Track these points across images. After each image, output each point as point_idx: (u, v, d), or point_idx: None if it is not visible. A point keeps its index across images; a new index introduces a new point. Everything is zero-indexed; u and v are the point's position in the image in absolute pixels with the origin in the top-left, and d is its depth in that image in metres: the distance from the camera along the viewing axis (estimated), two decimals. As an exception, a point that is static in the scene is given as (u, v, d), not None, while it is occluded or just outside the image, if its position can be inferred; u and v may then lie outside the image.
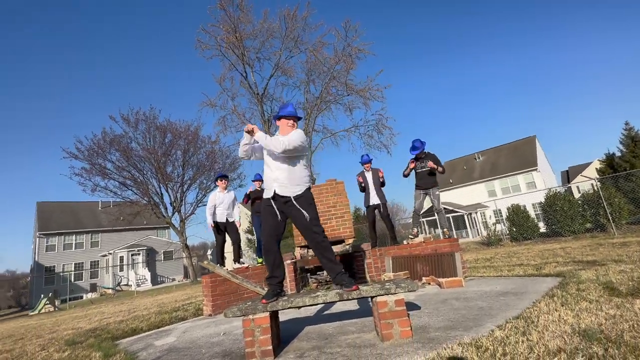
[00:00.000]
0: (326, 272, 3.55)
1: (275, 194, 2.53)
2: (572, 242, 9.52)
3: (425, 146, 5.59)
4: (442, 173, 5.51)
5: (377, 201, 5.72)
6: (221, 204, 5.53)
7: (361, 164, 5.89)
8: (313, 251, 2.54)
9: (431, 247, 5.03)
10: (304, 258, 5.27)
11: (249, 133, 2.60)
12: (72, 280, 26.95)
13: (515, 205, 13.46)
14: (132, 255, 29.09)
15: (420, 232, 5.76)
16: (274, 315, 2.41)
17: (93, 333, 4.53)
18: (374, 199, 5.74)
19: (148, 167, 22.72)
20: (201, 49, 16.52)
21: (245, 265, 5.34)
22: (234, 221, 5.68)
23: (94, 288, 28.08)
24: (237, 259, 5.60)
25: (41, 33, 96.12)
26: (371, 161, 5.87)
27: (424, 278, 4.60)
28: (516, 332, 1.97)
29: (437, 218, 5.56)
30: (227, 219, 5.56)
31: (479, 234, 24.21)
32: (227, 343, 2.79)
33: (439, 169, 5.36)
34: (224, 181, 5.74)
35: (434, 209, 5.57)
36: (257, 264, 6.06)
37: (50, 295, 16.18)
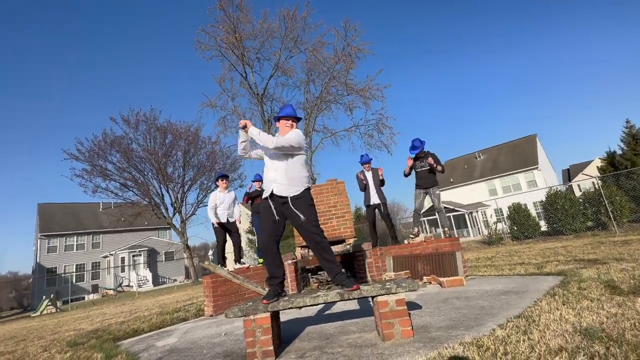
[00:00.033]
0: (325, 272, 3.55)
1: (273, 194, 2.54)
2: (574, 240, 9.51)
3: (424, 145, 5.59)
4: (442, 172, 5.51)
5: (378, 200, 5.72)
6: (222, 204, 5.56)
7: (361, 164, 5.89)
8: (312, 251, 2.53)
9: (432, 246, 5.03)
10: (304, 258, 5.27)
11: (242, 129, 2.60)
12: (74, 282, 27.04)
13: (516, 204, 13.45)
14: (133, 256, 29.14)
15: (421, 231, 5.76)
16: (275, 315, 2.41)
17: (95, 334, 4.54)
18: (374, 199, 5.73)
19: (149, 168, 22.80)
20: (201, 50, 16.56)
21: (246, 266, 5.36)
22: (235, 221, 5.70)
23: (95, 289, 28.15)
24: (237, 259, 5.63)
25: (41, 33, 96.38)
26: (371, 161, 5.87)
27: (425, 277, 4.60)
28: (517, 331, 1.97)
29: (438, 217, 5.55)
30: (227, 219, 5.59)
31: (480, 233, 24.18)
32: (229, 343, 2.79)
33: (438, 167, 5.36)
34: (224, 181, 5.77)
35: (434, 208, 5.56)
36: (258, 264, 6.07)
37: (52, 297, 16.21)
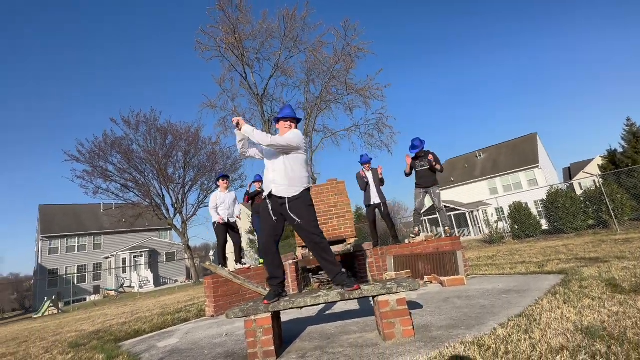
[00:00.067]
0: (325, 273, 3.55)
1: (271, 194, 2.54)
2: (575, 239, 9.49)
3: (424, 145, 5.59)
4: (441, 172, 5.51)
5: (378, 200, 5.72)
6: (222, 203, 5.59)
7: (361, 164, 5.89)
8: (311, 252, 2.52)
9: (433, 245, 5.02)
10: (305, 258, 5.27)
11: (236, 127, 2.58)
12: (75, 283, 27.05)
13: (517, 203, 13.43)
14: (134, 257, 29.17)
15: (421, 230, 5.76)
16: (275, 315, 2.41)
17: (96, 335, 4.55)
18: (375, 198, 5.73)
19: (149, 169, 22.82)
20: (201, 50, 16.59)
21: (247, 266, 5.37)
22: (236, 221, 5.72)
23: (97, 290, 28.19)
24: (238, 259, 5.65)
25: (41, 33, 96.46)
26: (371, 161, 5.87)
27: (425, 277, 4.60)
28: (519, 330, 1.97)
29: (439, 216, 5.55)
30: (228, 219, 5.61)
31: (480, 232, 24.15)
32: (230, 344, 2.79)
33: (437, 166, 5.36)
34: (225, 181, 5.80)
35: (435, 207, 5.55)
36: (259, 265, 6.07)
37: (54, 298, 16.24)
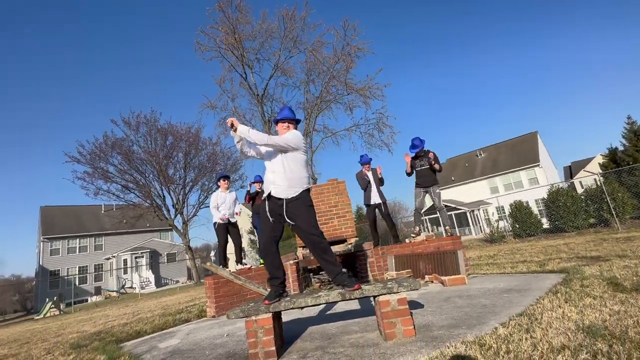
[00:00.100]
0: (326, 273, 3.55)
1: (270, 195, 2.54)
2: (576, 237, 9.48)
3: (424, 144, 5.59)
4: (439, 171, 5.51)
5: (378, 200, 5.73)
6: (223, 203, 5.59)
7: (360, 164, 5.89)
8: (311, 252, 2.53)
9: (433, 245, 5.02)
10: (306, 258, 5.27)
11: (232, 129, 2.55)
12: (77, 284, 27.10)
13: (518, 202, 13.40)
14: (135, 257, 29.21)
15: (422, 230, 5.75)
16: (276, 316, 2.41)
17: (98, 336, 4.55)
18: (375, 198, 5.74)
19: (150, 170, 22.82)
20: (200, 51, 16.59)
21: (247, 267, 5.37)
22: (236, 221, 5.73)
23: (98, 291, 28.25)
24: (239, 260, 5.65)
25: (41, 33, 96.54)
26: (371, 161, 5.88)
27: (426, 276, 4.59)
28: (520, 329, 1.97)
29: (439, 216, 5.54)
30: (229, 219, 5.61)
31: (481, 231, 24.13)
32: (231, 344, 2.79)
33: (436, 165, 5.36)
34: (226, 182, 5.80)
35: (435, 206, 5.55)
36: (260, 265, 6.07)
37: (55, 299, 16.25)
